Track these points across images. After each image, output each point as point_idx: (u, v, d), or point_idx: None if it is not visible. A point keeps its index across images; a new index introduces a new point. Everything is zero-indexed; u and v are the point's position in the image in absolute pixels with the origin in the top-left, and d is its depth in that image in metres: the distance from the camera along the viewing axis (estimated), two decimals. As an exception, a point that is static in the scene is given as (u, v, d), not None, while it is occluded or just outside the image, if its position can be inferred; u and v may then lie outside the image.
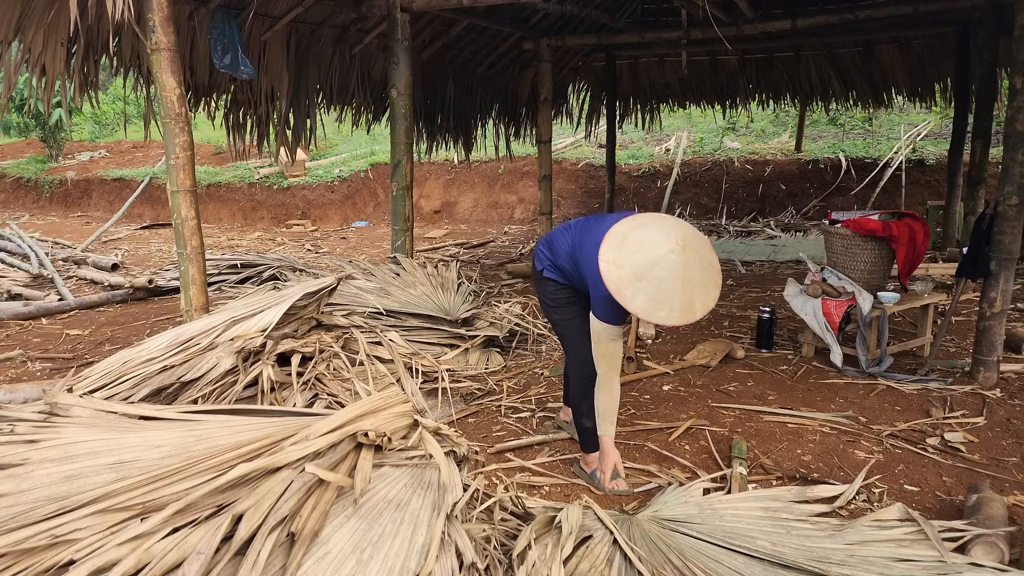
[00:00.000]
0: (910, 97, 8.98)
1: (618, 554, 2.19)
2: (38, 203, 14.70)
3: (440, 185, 12.63)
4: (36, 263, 7.23)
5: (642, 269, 2.40)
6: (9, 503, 1.81)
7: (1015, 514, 2.55)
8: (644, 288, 2.39)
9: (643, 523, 2.41)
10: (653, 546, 2.27)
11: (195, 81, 5.03)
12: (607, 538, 2.26)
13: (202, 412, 2.43)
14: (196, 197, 3.69)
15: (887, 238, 4.12)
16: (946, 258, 7.13)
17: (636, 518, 2.44)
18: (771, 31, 6.93)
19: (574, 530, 2.18)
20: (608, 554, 2.19)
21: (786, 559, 2.20)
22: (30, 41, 3.86)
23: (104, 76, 12.75)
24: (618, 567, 2.13)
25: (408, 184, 5.37)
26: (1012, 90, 3.53)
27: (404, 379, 3.59)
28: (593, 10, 6.90)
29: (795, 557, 2.21)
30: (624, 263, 2.44)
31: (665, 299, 2.38)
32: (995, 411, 3.49)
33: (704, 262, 2.43)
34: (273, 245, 10.24)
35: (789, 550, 2.25)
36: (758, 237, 9.25)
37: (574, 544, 2.14)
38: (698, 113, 12.89)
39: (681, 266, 2.37)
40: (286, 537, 1.80)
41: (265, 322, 3.42)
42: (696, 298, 2.40)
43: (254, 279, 6.54)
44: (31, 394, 3.41)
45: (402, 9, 5.09)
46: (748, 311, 5.49)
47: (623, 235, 2.50)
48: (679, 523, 2.44)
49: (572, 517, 2.25)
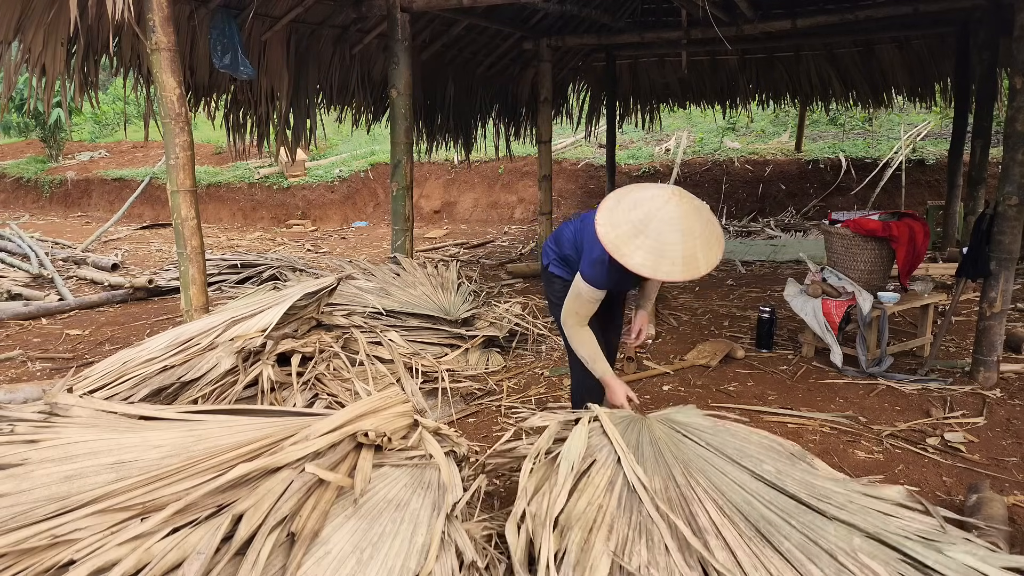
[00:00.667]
0: (910, 97, 8.98)
1: (620, 476, 2.18)
2: (38, 203, 14.70)
3: (440, 185, 12.63)
4: (36, 263, 7.23)
5: (640, 224, 2.34)
6: (9, 503, 1.81)
7: (1015, 514, 2.55)
8: (643, 243, 2.32)
9: (654, 426, 2.42)
10: (660, 457, 2.28)
11: (195, 81, 5.03)
12: (611, 459, 2.24)
13: (202, 412, 2.43)
14: (196, 197, 3.69)
15: (887, 238, 4.12)
16: (946, 258, 7.13)
17: (648, 420, 2.47)
18: (771, 31, 6.93)
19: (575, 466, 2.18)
20: (611, 477, 2.18)
21: (788, 489, 2.20)
22: (30, 41, 3.86)
23: (104, 76, 12.75)
24: (619, 493, 2.13)
25: (408, 184, 5.37)
26: (1012, 90, 3.53)
27: (404, 379, 3.59)
28: (593, 10, 6.90)
29: (797, 490, 2.21)
30: (621, 221, 2.38)
31: (666, 252, 2.31)
32: (995, 411, 3.49)
33: (703, 218, 2.38)
34: (273, 245, 10.24)
35: (792, 482, 2.25)
36: (758, 237, 9.26)
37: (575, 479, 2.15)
38: (698, 113, 12.89)
39: (680, 217, 2.32)
40: (286, 537, 1.80)
41: (265, 322, 3.42)
42: (698, 251, 2.33)
43: (254, 279, 6.54)
44: (31, 394, 3.41)
45: (402, 9, 5.09)
46: (748, 311, 5.49)
47: (618, 199, 2.48)
48: (690, 429, 2.44)
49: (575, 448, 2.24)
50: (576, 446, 2.26)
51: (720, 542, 2.01)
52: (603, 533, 2.02)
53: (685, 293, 6.25)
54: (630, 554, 1.96)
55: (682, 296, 6.13)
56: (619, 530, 2.03)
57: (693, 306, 5.75)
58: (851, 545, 2.05)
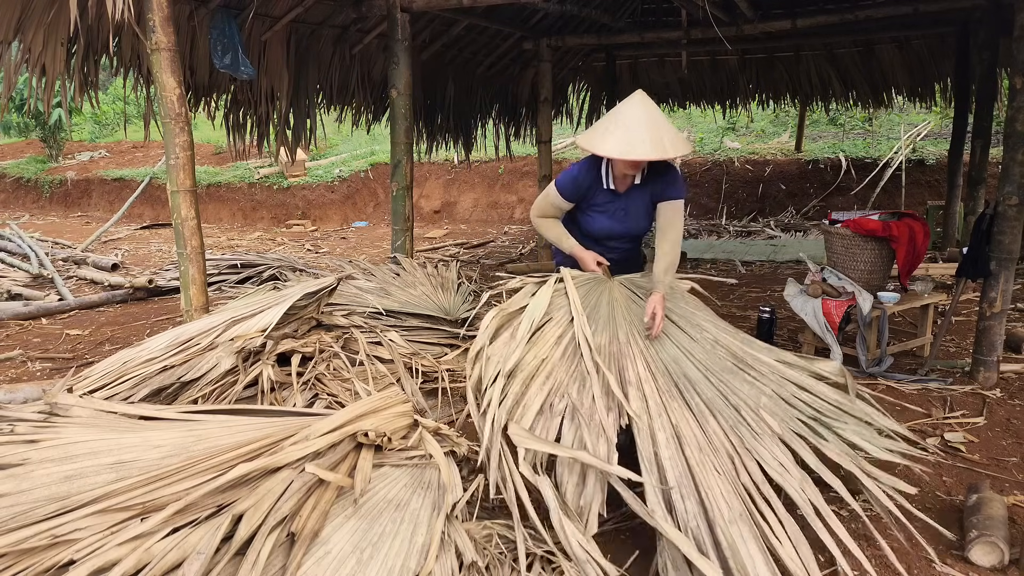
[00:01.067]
0: (910, 97, 8.98)
1: (570, 333, 2.58)
2: (38, 203, 14.70)
3: (440, 185, 12.63)
4: (36, 263, 7.22)
5: (609, 119, 2.69)
6: (9, 503, 1.81)
7: (1015, 514, 2.55)
8: (613, 131, 2.63)
9: (615, 288, 2.82)
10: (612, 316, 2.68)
11: (195, 81, 5.03)
12: (566, 318, 2.64)
13: (202, 412, 2.43)
14: (196, 197, 3.69)
15: (887, 238, 4.12)
16: (946, 258, 7.13)
17: (612, 282, 2.85)
18: (771, 31, 6.93)
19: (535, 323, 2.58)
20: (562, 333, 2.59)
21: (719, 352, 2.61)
22: (30, 41, 3.86)
23: (104, 76, 12.74)
24: (564, 346, 2.54)
25: (408, 184, 5.37)
26: (1012, 90, 3.53)
27: (404, 379, 3.59)
28: (593, 10, 6.90)
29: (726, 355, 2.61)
30: (594, 127, 2.75)
31: (635, 134, 2.58)
32: (995, 411, 3.49)
33: (669, 122, 2.69)
34: (273, 245, 10.24)
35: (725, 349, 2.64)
36: (758, 237, 9.25)
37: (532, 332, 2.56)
38: (698, 113, 12.88)
39: (644, 108, 2.64)
40: (286, 537, 1.80)
41: (265, 322, 3.42)
42: (665, 137, 2.60)
43: (254, 279, 6.54)
44: (31, 394, 3.41)
45: (402, 9, 5.09)
46: (748, 311, 5.49)
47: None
48: (645, 291, 2.78)
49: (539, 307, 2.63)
50: (540, 305, 2.64)
51: (639, 392, 2.41)
52: (541, 379, 2.43)
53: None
54: (561, 396, 2.38)
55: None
56: (557, 376, 2.45)
57: (693, 306, 5.75)
58: (757, 403, 2.41)
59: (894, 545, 2.38)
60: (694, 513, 2.10)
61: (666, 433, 2.29)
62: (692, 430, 2.31)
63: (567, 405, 2.33)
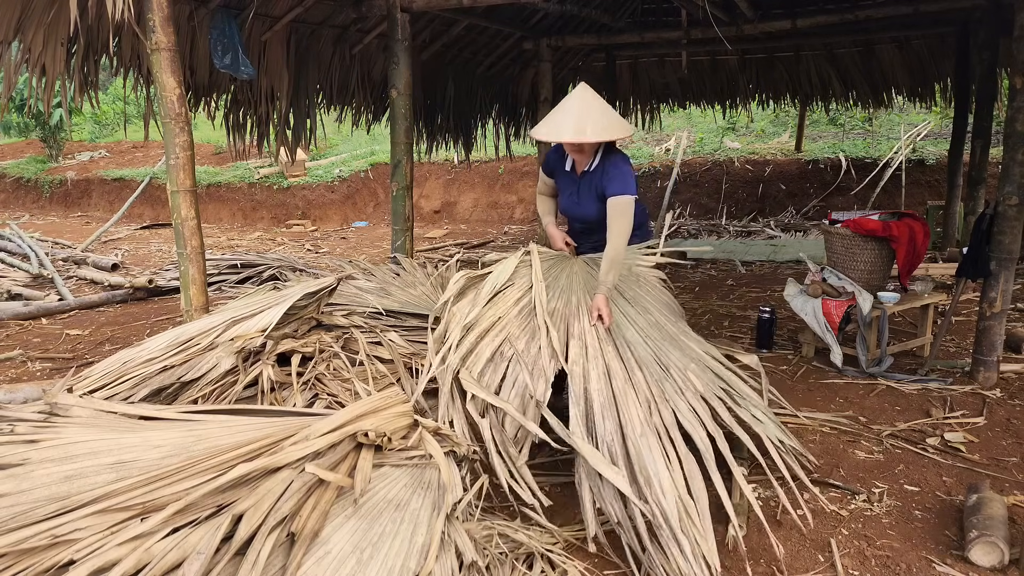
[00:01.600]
0: (910, 97, 8.98)
1: (528, 296, 2.93)
2: (38, 203, 14.70)
3: (440, 185, 12.63)
4: (36, 263, 7.22)
5: (551, 112, 3.02)
6: (9, 503, 1.81)
7: (1015, 514, 2.55)
8: (551, 117, 2.99)
9: (577, 264, 3.14)
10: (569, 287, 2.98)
11: (195, 81, 5.03)
12: (526, 284, 2.99)
13: (202, 412, 2.43)
14: (196, 197, 3.69)
15: (887, 238, 4.12)
16: (946, 258, 7.13)
17: (577, 260, 3.18)
18: (771, 31, 6.92)
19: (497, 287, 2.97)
20: (520, 296, 2.94)
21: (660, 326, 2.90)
22: (30, 41, 3.85)
23: (104, 76, 12.74)
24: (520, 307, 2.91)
25: (408, 184, 5.37)
26: (1012, 90, 3.53)
27: (404, 379, 3.59)
28: (593, 10, 6.89)
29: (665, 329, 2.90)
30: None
31: (562, 120, 2.92)
32: (995, 411, 3.49)
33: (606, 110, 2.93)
34: (273, 245, 10.24)
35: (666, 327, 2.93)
36: (758, 237, 9.25)
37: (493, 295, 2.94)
38: (698, 113, 12.88)
39: (580, 97, 2.92)
40: (286, 537, 1.80)
41: (265, 322, 3.42)
42: (588, 122, 2.86)
43: (254, 279, 6.54)
44: (31, 394, 3.41)
45: (402, 9, 5.08)
46: (748, 311, 5.49)
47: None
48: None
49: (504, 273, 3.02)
50: (505, 271, 3.04)
51: (580, 342, 2.74)
52: (495, 332, 2.81)
53: (685, 293, 6.25)
54: (509, 345, 2.78)
55: (682, 296, 6.12)
56: (510, 330, 2.84)
57: (693, 306, 5.75)
58: (686, 365, 2.72)
59: (894, 545, 2.38)
60: (611, 430, 2.48)
61: (598, 371, 2.65)
62: (620, 372, 2.66)
63: (513, 353, 2.75)
